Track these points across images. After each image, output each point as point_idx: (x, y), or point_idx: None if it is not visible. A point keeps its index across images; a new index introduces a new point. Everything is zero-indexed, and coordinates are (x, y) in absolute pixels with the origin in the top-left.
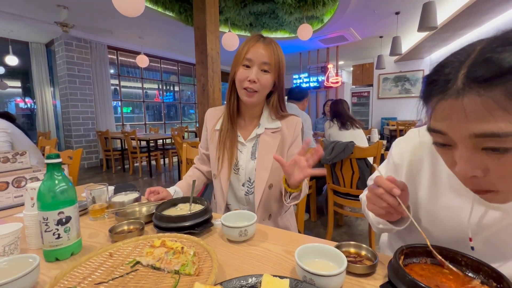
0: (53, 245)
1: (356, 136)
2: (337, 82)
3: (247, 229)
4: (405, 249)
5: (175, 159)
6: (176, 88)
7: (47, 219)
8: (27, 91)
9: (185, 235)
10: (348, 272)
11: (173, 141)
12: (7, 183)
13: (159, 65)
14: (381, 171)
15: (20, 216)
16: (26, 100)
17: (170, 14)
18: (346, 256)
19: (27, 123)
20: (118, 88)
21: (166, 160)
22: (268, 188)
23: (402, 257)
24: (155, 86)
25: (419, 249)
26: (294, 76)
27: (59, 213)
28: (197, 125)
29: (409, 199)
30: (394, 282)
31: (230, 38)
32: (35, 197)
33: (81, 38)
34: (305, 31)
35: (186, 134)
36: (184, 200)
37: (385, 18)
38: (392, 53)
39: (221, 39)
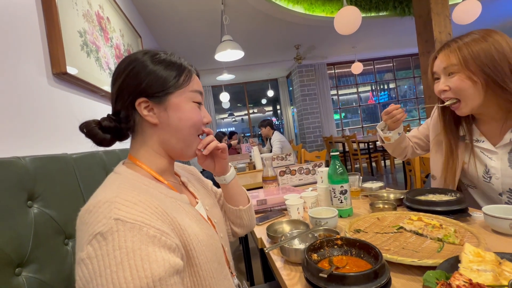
0: (338, 206)
1: None
2: None
3: None
4: None
5: (397, 160)
6: (391, 85)
7: (334, 190)
8: (275, 111)
9: (441, 216)
10: None
11: None
12: (295, 170)
13: (372, 67)
14: None
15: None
16: (273, 118)
17: (383, 13)
18: None
19: None
20: (336, 97)
21: (388, 162)
22: None
23: None
24: (368, 88)
25: None
26: None
27: (341, 186)
28: (421, 122)
29: None
30: None
31: (469, 6)
32: (324, 177)
33: (308, 64)
34: None
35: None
36: (433, 191)
37: None
38: None
39: (451, 14)
